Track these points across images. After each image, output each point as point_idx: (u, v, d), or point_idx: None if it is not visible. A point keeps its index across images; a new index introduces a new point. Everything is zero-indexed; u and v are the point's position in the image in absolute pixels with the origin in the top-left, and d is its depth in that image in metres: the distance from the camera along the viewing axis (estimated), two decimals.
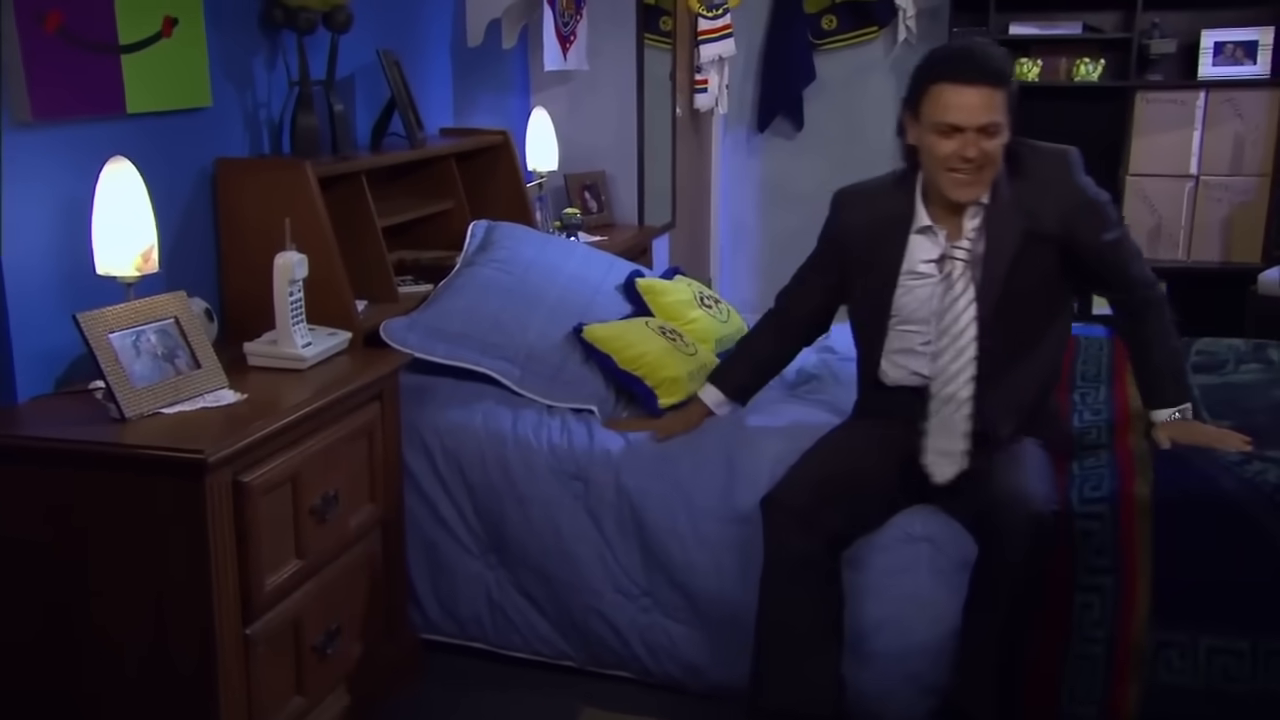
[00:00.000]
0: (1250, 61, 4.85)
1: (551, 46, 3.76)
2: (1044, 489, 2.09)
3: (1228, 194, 4.88)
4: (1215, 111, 4.84)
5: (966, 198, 2.16)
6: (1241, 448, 2.21)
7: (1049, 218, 2.16)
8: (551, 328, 2.72)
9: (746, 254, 5.85)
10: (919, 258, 2.24)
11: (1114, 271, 2.26)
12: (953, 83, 2.09)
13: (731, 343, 3.03)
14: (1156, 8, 4.92)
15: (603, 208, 4.21)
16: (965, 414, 2.16)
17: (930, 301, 2.23)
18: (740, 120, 5.72)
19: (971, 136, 2.09)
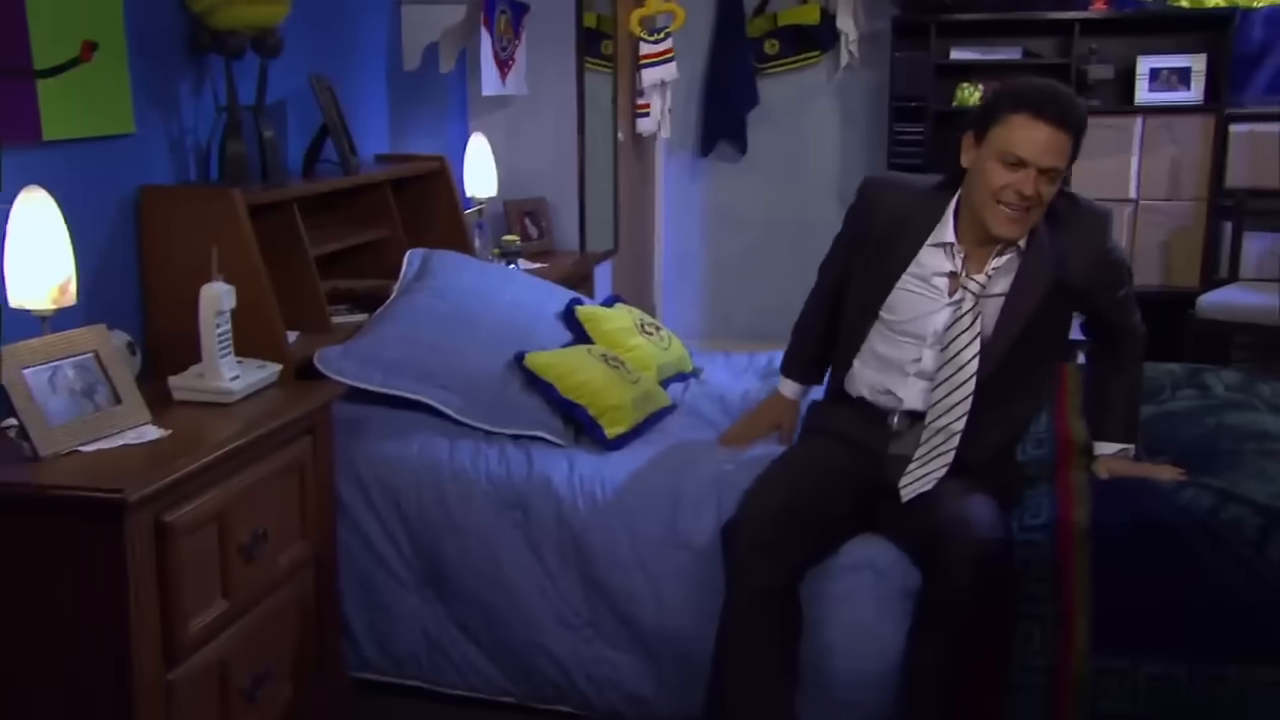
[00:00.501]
0: (1184, 88, 4.98)
1: (489, 71, 3.76)
2: (990, 516, 2.11)
3: (1166, 218, 5.00)
4: (1152, 136, 4.95)
5: (1009, 234, 2.16)
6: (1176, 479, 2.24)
7: (1079, 273, 2.20)
8: (490, 356, 2.71)
9: (691, 279, 5.87)
10: (930, 268, 2.24)
11: (1114, 321, 2.33)
12: (1034, 117, 2.09)
13: (673, 371, 3.07)
14: (1093, 34, 5.04)
15: (543, 234, 4.21)
16: (954, 445, 2.19)
17: (929, 318, 2.24)
18: (683, 145, 5.76)
19: (1033, 174, 2.09)
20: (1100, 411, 2.38)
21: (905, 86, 5.11)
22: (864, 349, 2.33)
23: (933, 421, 2.23)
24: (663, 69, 4.98)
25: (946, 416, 2.21)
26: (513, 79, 3.95)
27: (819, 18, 5.46)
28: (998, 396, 2.22)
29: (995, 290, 2.21)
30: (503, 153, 4.01)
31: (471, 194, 3.82)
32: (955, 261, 2.23)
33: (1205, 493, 2.14)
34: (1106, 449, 2.34)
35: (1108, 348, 2.38)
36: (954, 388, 2.21)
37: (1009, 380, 2.23)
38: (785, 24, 5.55)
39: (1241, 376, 2.88)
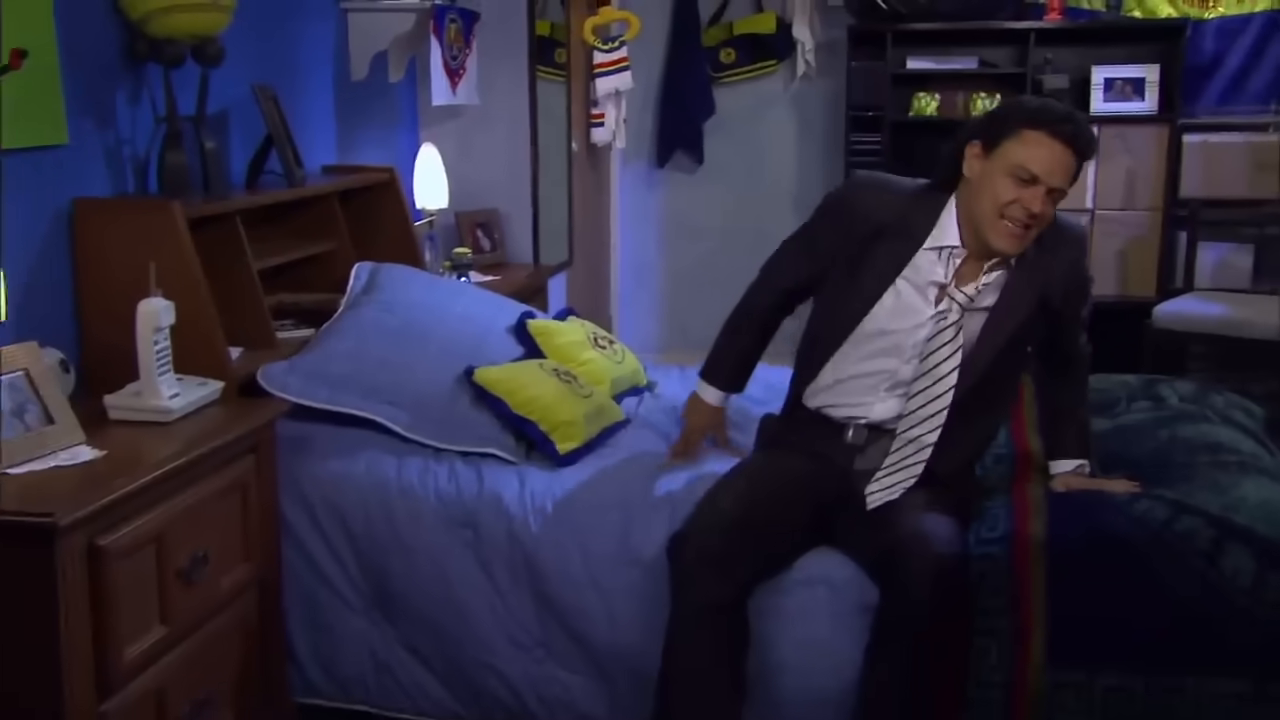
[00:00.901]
0: (1138, 98, 5.06)
1: (439, 81, 3.75)
2: (948, 530, 2.12)
3: (1122, 228, 5.07)
4: (1107, 146, 5.01)
5: (1009, 250, 2.17)
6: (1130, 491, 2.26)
7: (1057, 291, 2.25)
8: (440, 371, 2.70)
9: (648, 291, 5.88)
10: (926, 275, 2.23)
11: (1069, 340, 2.37)
12: (1051, 135, 2.10)
13: (627, 385, 3.07)
14: (1049, 44, 5.12)
15: (496, 247, 4.20)
16: (924, 457, 2.21)
17: (913, 331, 2.24)
18: (639, 155, 5.77)
19: (1042, 192, 2.11)
20: (1054, 431, 2.41)
21: (862, 96, 5.16)
22: (832, 363, 2.32)
23: (905, 432, 2.24)
24: (617, 78, 4.99)
25: (920, 428, 2.22)
26: (463, 88, 3.94)
27: (775, 26, 5.51)
28: (971, 410, 2.24)
29: (982, 304, 2.23)
30: (454, 163, 4.00)
31: (422, 206, 3.80)
32: (948, 270, 2.23)
33: (1159, 504, 2.16)
34: (1062, 466, 2.37)
35: (1058, 369, 2.42)
36: (930, 399, 2.22)
37: (984, 394, 2.25)
38: (741, 33, 5.59)
39: (1195, 388, 2.92)
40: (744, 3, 5.60)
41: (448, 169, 3.90)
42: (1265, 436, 2.71)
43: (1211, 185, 4.98)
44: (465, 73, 3.95)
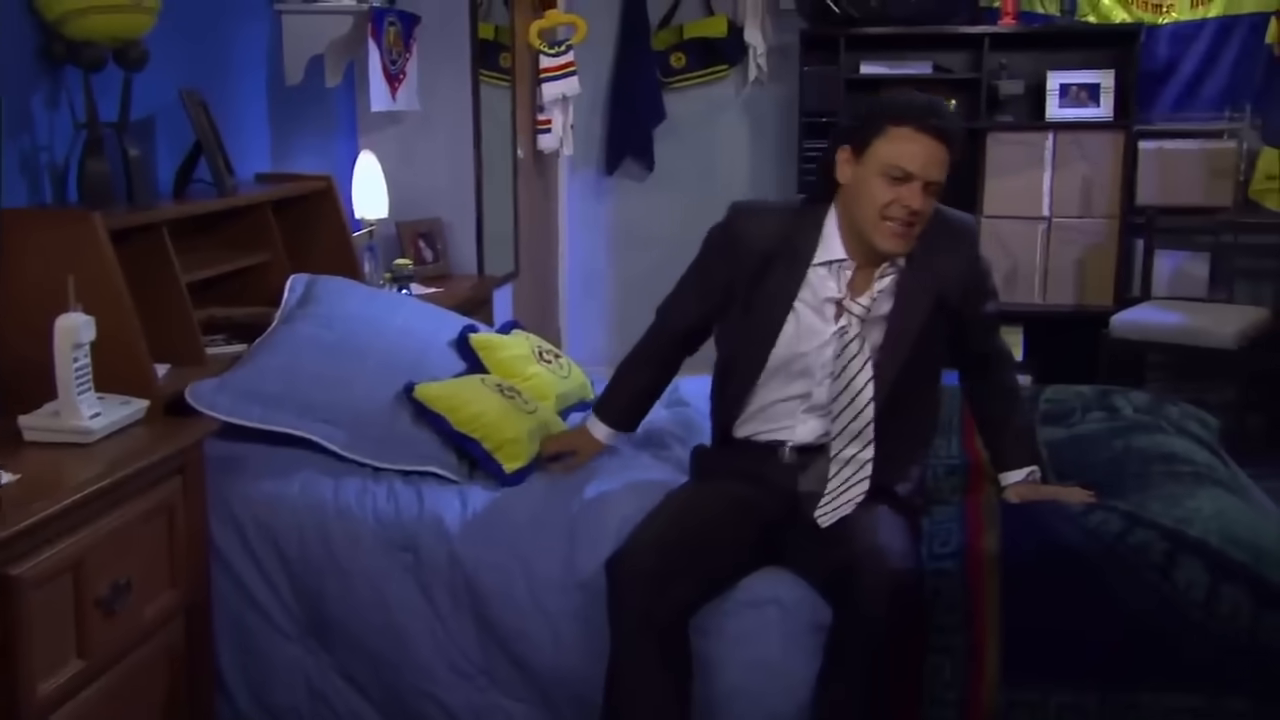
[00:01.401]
0: (1094, 104, 5.14)
1: (379, 86, 3.74)
2: (901, 544, 2.14)
3: (1079, 236, 5.14)
4: (1063, 153, 5.10)
5: (896, 250, 2.21)
6: (1085, 501, 2.29)
7: (955, 288, 2.27)
8: (378, 387, 2.69)
9: (597, 302, 5.87)
10: (821, 293, 2.27)
11: (981, 340, 2.39)
12: (918, 129, 2.14)
13: (574, 399, 3.08)
14: (1003, 49, 5.19)
15: (439, 257, 4.19)
16: (868, 472, 2.25)
17: (819, 351, 2.28)
18: (587, 162, 5.77)
19: (919, 187, 2.15)
20: (995, 442, 2.44)
21: (815, 101, 5.20)
22: (750, 396, 2.35)
23: (839, 453, 2.26)
24: (564, 83, 4.99)
25: (853, 446, 2.26)
26: (404, 94, 3.93)
27: (726, 30, 5.53)
28: (894, 419, 2.27)
29: (879, 312, 2.27)
30: (394, 171, 3.98)
31: (360, 215, 3.79)
32: (841, 283, 2.26)
33: (1114, 516, 2.19)
34: (1013, 477, 2.39)
35: (977, 373, 2.44)
36: (853, 417, 2.26)
37: (904, 402, 2.28)
38: (691, 36, 5.61)
39: (1150, 399, 2.96)
40: (694, 6, 5.63)
41: (388, 177, 3.88)
42: (1219, 447, 2.76)
43: (1167, 193, 5.07)
44: (405, 77, 3.93)
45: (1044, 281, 5.18)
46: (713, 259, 2.39)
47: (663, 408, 3.08)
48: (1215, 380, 4.81)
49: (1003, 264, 5.15)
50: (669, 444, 2.78)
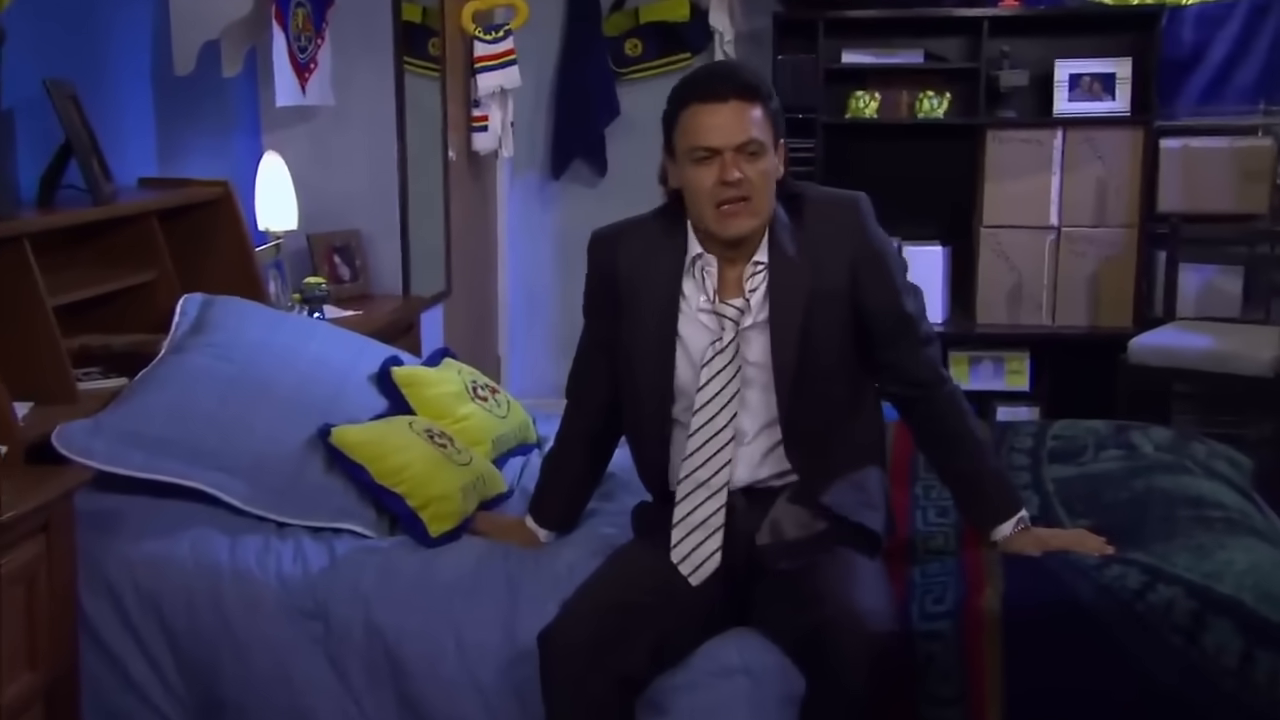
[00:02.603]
0: (1109, 96, 5.20)
1: (285, 77, 3.74)
2: (880, 603, 2.14)
3: (1092, 247, 5.19)
4: (1074, 153, 5.16)
5: (739, 230, 2.27)
6: (1102, 551, 2.30)
7: (836, 268, 2.31)
8: (286, 429, 2.69)
9: (543, 324, 5.88)
10: (694, 305, 2.34)
11: (902, 350, 2.37)
12: (702, 102, 2.24)
13: (513, 442, 3.09)
14: (1005, 34, 5.24)
15: (357, 275, 4.19)
16: (720, 505, 2.29)
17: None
18: (530, 164, 5.78)
19: (731, 158, 2.22)
20: (966, 496, 2.43)
21: (791, 95, 5.20)
22: (670, 444, 2.39)
23: (699, 480, 2.31)
24: (502, 74, 5.00)
25: (705, 470, 2.31)
26: (315, 86, 3.92)
27: (688, 13, 5.57)
28: (817, 437, 2.33)
29: (761, 317, 2.32)
30: (305, 176, 3.98)
31: (265, 226, 3.78)
32: (708, 287, 2.32)
33: (1133, 570, 2.21)
34: (1003, 531, 2.39)
35: (928, 420, 2.42)
36: (710, 436, 2.30)
37: (823, 417, 2.33)
38: (649, 21, 5.64)
39: (1172, 435, 2.99)
40: None
41: (297, 182, 3.87)
42: (1253, 491, 2.78)
43: (1194, 198, 5.12)
44: (317, 67, 3.93)
45: (1052, 300, 5.23)
46: (593, 307, 2.48)
47: None
48: (1249, 413, 4.86)
49: (1005, 280, 5.21)
50: (618, 495, 2.78)
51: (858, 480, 2.36)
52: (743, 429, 2.33)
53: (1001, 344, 5.28)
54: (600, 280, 2.43)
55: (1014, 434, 3.08)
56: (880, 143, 5.42)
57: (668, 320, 2.34)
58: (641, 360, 2.37)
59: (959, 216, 5.35)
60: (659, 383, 2.35)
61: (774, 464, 2.36)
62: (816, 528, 2.32)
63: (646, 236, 2.40)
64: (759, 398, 2.32)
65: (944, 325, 5.25)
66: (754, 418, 2.33)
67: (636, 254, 2.39)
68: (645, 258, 2.37)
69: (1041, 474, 2.77)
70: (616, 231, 2.45)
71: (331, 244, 4.13)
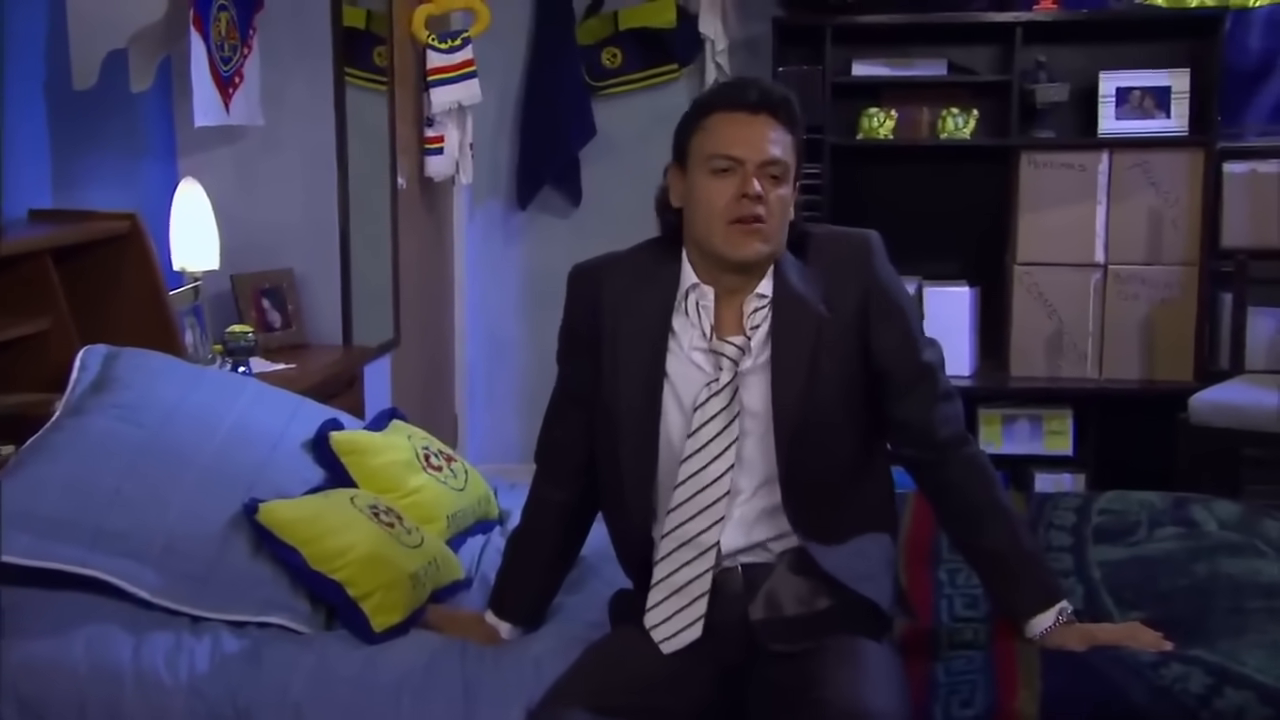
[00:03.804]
0: (1162, 113, 5.22)
1: (206, 92, 3.74)
2: (893, 704, 2.15)
3: (1145, 288, 5.19)
4: (1123, 179, 5.17)
5: (751, 254, 2.31)
6: (1158, 646, 2.29)
7: (846, 309, 2.36)
8: (204, 505, 2.68)
9: (508, 379, 5.88)
10: (687, 345, 2.38)
11: (917, 405, 2.39)
12: (733, 108, 2.32)
13: (472, 519, 3.10)
14: (1041, 42, 5.26)
15: (290, 322, 4.19)
16: (707, 567, 2.32)
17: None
18: (493, 193, 5.80)
19: (754, 171, 2.28)
20: (996, 581, 2.43)
21: None
22: (656, 514, 2.41)
23: (689, 535, 2.32)
24: (460, 88, 5.01)
25: (697, 522, 2.32)
26: (241, 103, 3.93)
27: (675, 19, 5.60)
28: (816, 491, 2.34)
29: (761, 359, 2.35)
30: (228, 206, 3.97)
31: (180, 266, 3.77)
32: (704, 323, 2.34)
33: (1196, 670, 2.19)
34: (1042, 623, 2.37)
35: (948, 490, 2.43)
36: (702, 487, 2.32)
37: (820, 468, 2.34)
38: (629, 27, 5.67)
39: (1241, 510, 2.97)
40: None
41: (218, 214, 3.86)
42: None
43: (1263, 231, 5.14)
44: (242, 81, 3.94)
45: (1099, 350, 5.23)
46: (570, 349, 2.50)
47: None
48: None
49: (1042, 326, 5.21)
50: (588, 578, 2.78)
51: (863, 547, 2.38)
52: (738, 484, 2.34)
53: (1039, 400, 5.28)
54: (580, 318, 2.46)
55: (1054, 507, 3.07)
56: (897, 167, 5.45)
57: (655, 360, 2.37)
58: (625, 408, 2.38)
59: (989, 253, 5.37)
60: (644, 434, 2.37)
61: (770, 527, 2.37)
62: (818, 605, 2.34)
63: (635, 269, 2.43)
64: (756, 451, 2.34)
65: (972, 378, 5.26)
66: (750, 473, 2.35)
67: (623, 288, 2.42)
68: (632, 291, 2.41)
69: (1086, 556, 2.76)
70: (601, 264, 2.48)
71: (259, 286, 4.13)
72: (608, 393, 2.40)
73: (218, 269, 3.87)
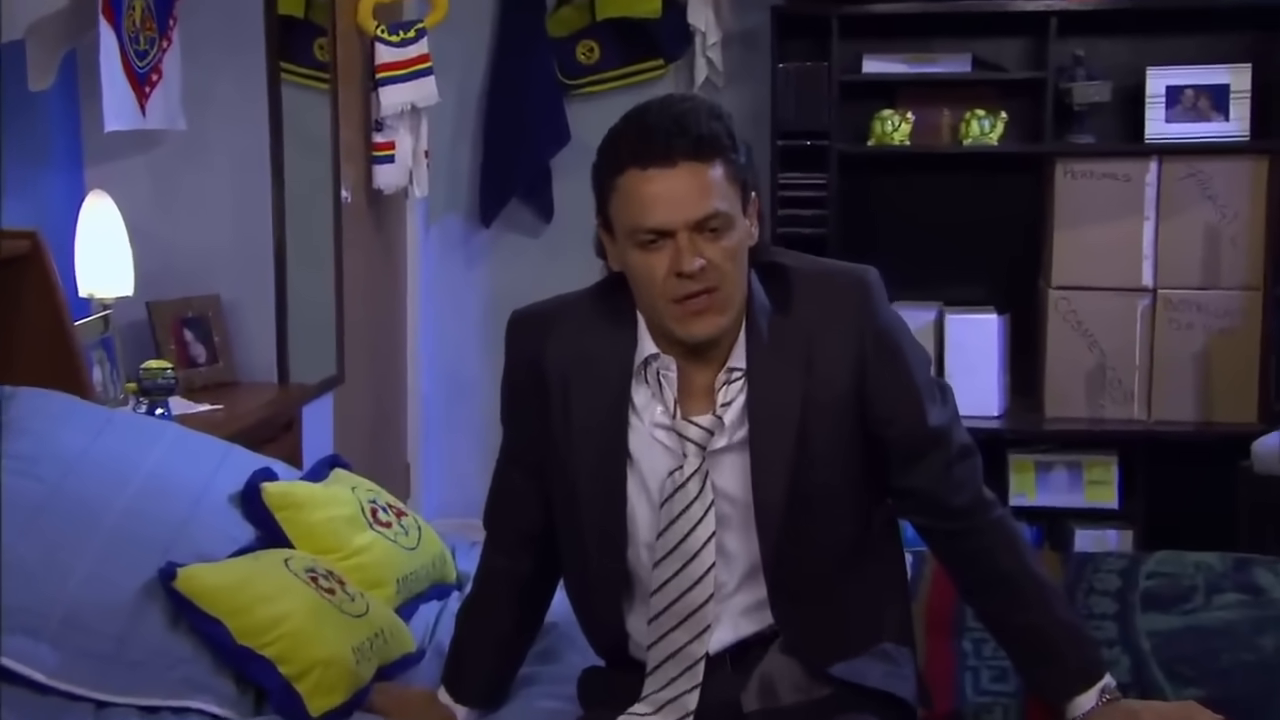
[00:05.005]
0: (1220, 115, 5.24)
1: (118, 92, 3.74)
2: None
3: (1201, 317, 5.19)
4: (1174, 191, 5.18)
5: (703, 332, 2.25)
6: None
7: (836, 370, 2.29)
8: (113, 570, 2.66)
9: (467, 420, 5.88)
10: (649, 420, 2.34)
11: (927, 474, 2.36)
12: (641, 167, 2.20)
13: (426, 582, 3.10)
14: (1079, 33, 5.28)
15: (216, 356, 4.18)
16: (696, 683, 2.31)
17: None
18: (452, 207, 5.83)
19: (687, 240, 2.20)
20: (1029, 659, 2.40)
21: (795, 115, 5.27)
22: (631, 611, 2.41)
23: (665, 633, 2.32)
24: (414, 87, 5.03)
25: (677, 635, 2.31)
26: (158, 104, 3.93)
27: (660, 7, 5.62)
28: (807, 583, 2.32)
29: (737, 437, 2.31)
30: (145, 224, 3.98)
31: (88, 292, 3.77)
32: (665, 395, 2.32)
33: None
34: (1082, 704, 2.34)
35: (956, 548, 2.42)
36: (681, 592, 2.30)
37: (812, 558, 2.31)
38: (609, 17, 5.70)
39: None
40: None
41: (133, 233, 3.86)
42: None
43: None
44: (161, 79, 3.93)
45: (1147, 388, 5.23)
46: (513, 413, 2.49)
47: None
48: None
49: (1082, 360, 5.21)
50: (561, 647, 2.78)
51: (871, 638, 2.36)
52: (720, 581, 2.32)
53: (1080, 445, 5.28)
54: (522, 378, 2.43)
55: (1095, 569, 3.08)
56: (913, 178, 5.48)
57: (615, 438, 2.33)
58: (584, 494, 2.36)
59: (1019, 276, 5.40)
60: (607, 526, 2.35)
61: (762, 619, 2.36)
62: (817, 693, 2.32)
63: (584, 324, 2.39)
64: (738, 539, 2.32)
65: (1000, 420, 5.27)
66: (733, 566, 2.33)
67: (571, 348, 2.37)
68: (583, 354, 2.36)
69: (1133, 625, 2.76)
70: (544, 314, 2.44)
71: (180, 315, 4.12)
72: (562, 473, 2.38)
73: (131, 295, 3.86)
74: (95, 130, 3.89)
